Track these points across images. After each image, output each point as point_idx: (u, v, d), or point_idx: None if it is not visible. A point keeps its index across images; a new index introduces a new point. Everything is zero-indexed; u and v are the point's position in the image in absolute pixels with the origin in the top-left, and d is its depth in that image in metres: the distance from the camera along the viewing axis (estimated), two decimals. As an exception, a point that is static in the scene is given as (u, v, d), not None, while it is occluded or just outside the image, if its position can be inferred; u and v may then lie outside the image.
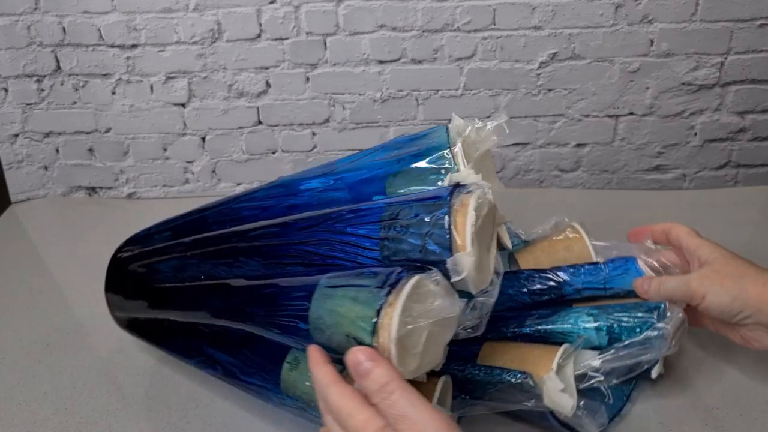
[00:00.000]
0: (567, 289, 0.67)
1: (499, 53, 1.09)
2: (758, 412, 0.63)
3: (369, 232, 0.52)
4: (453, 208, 0.48)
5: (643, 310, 0.61)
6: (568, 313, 0.64)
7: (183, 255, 0.65)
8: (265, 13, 1.07)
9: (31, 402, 0.70)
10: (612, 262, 0.68)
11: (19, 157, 1.19)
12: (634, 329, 0.60)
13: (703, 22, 1.05)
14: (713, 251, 0.61)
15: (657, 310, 0.61)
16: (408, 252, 0.50)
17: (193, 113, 1.15)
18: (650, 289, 0.63)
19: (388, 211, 0.52)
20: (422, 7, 1.06)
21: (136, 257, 0.70)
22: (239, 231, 0.62)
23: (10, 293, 0.90)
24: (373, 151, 0.66)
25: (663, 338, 0.58)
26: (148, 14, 1.07)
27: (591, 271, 0.67)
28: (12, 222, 1.13)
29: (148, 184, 1.21)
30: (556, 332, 0.63)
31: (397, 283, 0.46)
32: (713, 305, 0.59)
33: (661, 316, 0.60)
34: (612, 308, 0.63)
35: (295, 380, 0.56)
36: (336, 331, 0.47)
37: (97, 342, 0.79)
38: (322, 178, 0.65)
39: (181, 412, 0.67)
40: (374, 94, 1.13)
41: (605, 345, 0.60)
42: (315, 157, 1.18)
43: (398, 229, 0.50)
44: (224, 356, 0.63)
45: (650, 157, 1.17)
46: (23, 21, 1.08)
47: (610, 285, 0.66)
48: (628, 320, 0.61)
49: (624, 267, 0.66)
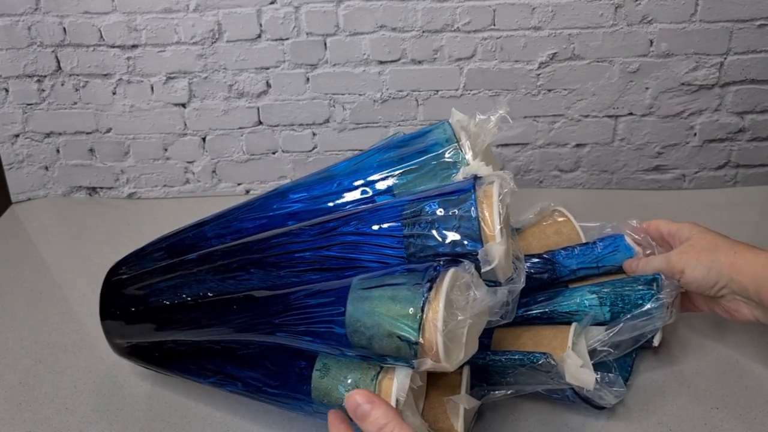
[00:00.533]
0: (562, 271, 0.69)
1: (499, 53, 1.09)
2: (757, 412, 0.64)
3: (392, 231, 0.52)
4: (478, 199, 0.49)
5: (642, 282, 0.64)
6: (571, 293, 0.66)
7: (188, 272, 0.63)
8: (265, 14, 1.07)
9: (31, 402, 0.70)
10: (602, 240, 0.71)
11: (19, 157, 1.19)
12: (636, 302, 0.63)
13: (702, 22, 1.06)
14: (691, 229, 0.65)
15: (655, 281, 0.64)
16: (436, 247, 0.50)
17: (194, 113, 1.15)
18: (638, 269, 0.67)
19: (410, 208, 0.52)
20: (422, 7, 1.06)
21: (133, 279, 0.67)
22: (248, 242, 0.61)
23: (11, 293, 0.90)
24: (376, 152, 0.66)
25: (664, 308, 0.61)
26: (149, 14, 1.07)
27: (584, 252, 0.70)
28: (12, 222, 1.13)
29: (148, 184, 1.21)
30: (563, 312, 0.65)
31: (436, 278, 0.47)
32: (691, 278, 0.61)
33: (660, 287, 0.63)
34: (611, 284, 0.65)
35: (327, 387, 0.54)
36: (378, 332, 0.47)
37: (98, 342, 0.79)
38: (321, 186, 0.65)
39: (181, 412, 0.68)
40: (374, 95, 1.13)
41: (609, 320, 0.63)
42: (315, 158, 1.19)
43: (423, 225, 0.51)
44: (244, 372, 0.61)
45: (650, 158, 1.17)
46: (24, 21, 1.08)
47: (602, 263, 0.69)
48: (629, 293, 0.63)
49: (614, 245, 0.70)
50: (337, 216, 0.57)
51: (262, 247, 0.59)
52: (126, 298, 0.66)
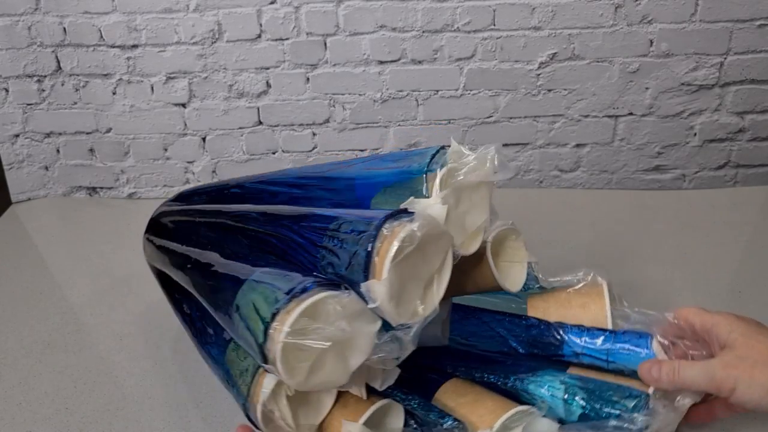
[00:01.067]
0: (565, 350, 0.61)
1: (499, 53, 1.09)
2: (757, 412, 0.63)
3: (315, 238, 0.52)
4: (383, 234, 0.47)
5: (622, 395, 0.55)
6: (544, 374, 0.59)
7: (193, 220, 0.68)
8: (265, 14, 1.07)
9: (31, 401, 0.70)
10: (623, 333, 0.60)
11: (19, 158, 1.19)
12: (605, 413, 0.54)
13: (702, 22, 1.06)
14: (732, 329, 0.52)
15: (637, 398, 0.54)
16: (338, 266, 0.50)
17: (194, 113, 1.15)
18: (662, 377, 0.52)
19: (337, 221, 0.52)
20: (422, 7, 1.06)
21: (170, 213, 0.74)
22: (229, 210, 0.65)
23: (11, 293, 0.90)
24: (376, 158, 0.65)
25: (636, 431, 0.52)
26: (149, 15, 1.07)
27: (596, 338, 0.60)
28: (13, 222, 1.13)
29: (148, 184, 1.21)
30: (523, 390, 0.58)
31: (302, 294, 0.47)
32: (746, 399, 0.49)
33: (639, 407, 0.53)
34: (594, 383, 0.57)
35: (233, 360, 0.58)
36: (246, 324, 0.49)
37: (98, 342, 0.79)
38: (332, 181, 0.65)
39: (181, 412, 0.68)
40: (374, 95, 1.13)
41: (575, 420, 0.55)
42: (315, 158, 1.19)
43: (335, 242, 0.50)
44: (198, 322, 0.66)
45: (650, 158, 1.17)
46: (24, 21, 1.08)
47: (613, 359, 0.59)
48: (600, 401, 0.55)
49: (634, 342, 0.58)
50: (293, 209, 0.59)
51: (237, 217, 0.63)
52: (159, 227, 0.73)
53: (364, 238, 0.48)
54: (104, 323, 0.82)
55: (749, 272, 0.84)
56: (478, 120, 1.14)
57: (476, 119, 1.14)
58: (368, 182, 0.62)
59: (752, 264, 0.86)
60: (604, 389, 0.56)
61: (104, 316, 0.83)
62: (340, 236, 0.50)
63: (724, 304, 0.78)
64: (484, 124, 1.15)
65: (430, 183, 0.56)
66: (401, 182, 0.59)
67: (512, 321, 0.65)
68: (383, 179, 0.61)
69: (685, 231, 0.96)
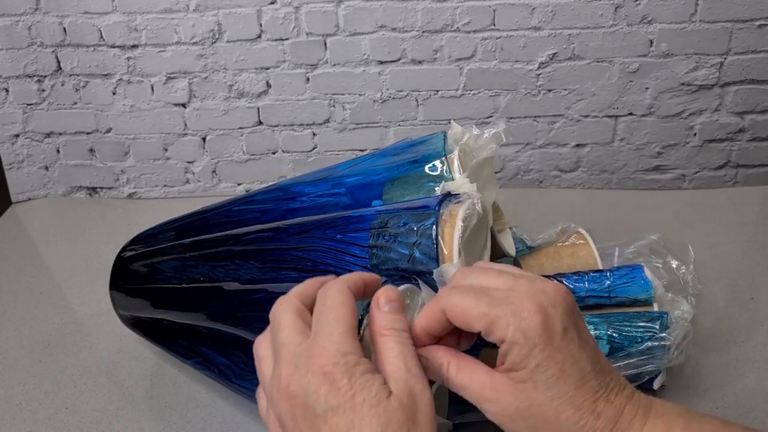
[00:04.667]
0: None
1: (499, 54, 1.09)
2: (758, 412, 0.64)
3: (359, 240, 0.52)
4: (441, 218, 0.48)
5: (645, 319, 0.60)
6: None
7: (182, 256, 0.65)
8: (265, 14, 1.07)
9: (31, 402, 0.70)
10: (618, 269, 0.66)
11: (19, 158, 1.19)
12: (636, 338, 0.59)
13: (702, 22, 1.06)
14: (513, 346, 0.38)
15: (660, 319, 0.59)
16: (396, 261, 0.49)
17: (194, 113, 1.15)
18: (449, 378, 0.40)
19: (379, 219, 0.52)
20: (422, 7, 1.06)
21: (139, 256, 0.71)
22: (235, 234, 0.62)
23: (11, 293, 0.90)
24: (373, 156, 0.66)
25: (665, 348, 0.57)
26: (149, 15, 1.07)
27: (595, 279, 0.65)
28: (13, 222, 1.13)
29: (148, 184, 1.21)
30: None
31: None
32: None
33: (664, 325, 0.59)
34: (614, 317, 0.61)
35: None
36: None
37: (98, 342, 0.79)
38: (322, 183, 0.65)
39: (181, 412, 0.68)
40: (374, 95, 1.13)
41: (606, 354, 0.59)
42: (315, 158, 1.19)
43: (387, 238, 0.50)
44: (220, 358, 0.64)
45: (650, 158, 1.17)
46: (24, 21, 1.08)
47: (615, 293, 0.64)
48: (629, 330, 0.59)
49: (630, 275, 0.64)
50: (316, 218, 0.57)
51: (246, 240, 0.60)
52: (130, 273, 0.70)
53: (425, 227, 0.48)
54: (104, 323, 0.82)
55: (749, 272, 0.84)
56: (478, 120, 1.14)
57: (476, 119, 1.14)
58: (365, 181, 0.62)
59: (752, 264, 0.86)
60: (627, 318, 0.60)
61: (104, 316, 0.83)
62: (391, 231, 0.50)
63: (724, 303, 0.78)
64: (484, 125, 1.15)
65: (451, 165, 0.58)
66: (413, 171, 0.59)
67: None
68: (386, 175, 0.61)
69: (685, 231, 0.96)
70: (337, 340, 0.35)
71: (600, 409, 0.35)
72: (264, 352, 0.39)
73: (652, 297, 0.63)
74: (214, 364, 0.64)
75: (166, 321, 0.67)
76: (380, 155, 0.65)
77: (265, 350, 0.39)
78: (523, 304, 0.35)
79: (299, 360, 0.35)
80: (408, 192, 0.59)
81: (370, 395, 0.33)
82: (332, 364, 0.34)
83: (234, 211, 0.69)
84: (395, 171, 0.61)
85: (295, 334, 0.37)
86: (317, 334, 0.36)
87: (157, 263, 0.68)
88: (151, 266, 0.68)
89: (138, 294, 0.69)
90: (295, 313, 0.38)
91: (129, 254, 0.72)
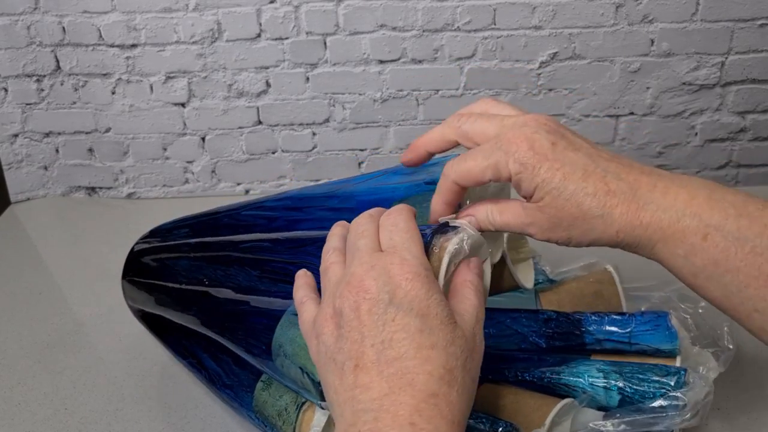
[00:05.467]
0: (587, 338, 0.61)
1: (500, 53, 1.09)
2: (759, 411, 0.63)
3: None
4: (432, 249, 0.45)
5: (661, 373, 0.55)
6: (578, 364, 0.58)
7: (187, 256, 0.65)
8: (265, 13, 1.07)
9: (30, 402, 0.70)
10: (642, 315, 0.61)
11: (18, 157, 1.19)
12: (648, 394, 0.55)
13: (703, 21, 1.05)
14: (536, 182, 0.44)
15: (677, 375, 0.55)
16: None
17: (193, 113, 1.15)
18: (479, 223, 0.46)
19: None
20: (422, 6, 1.06)
21: (151, 250, 0.71)
22: (235, 240, 0.62)
23: (10, 293, 0.89)
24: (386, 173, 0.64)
25: (679, 408, 0.52)
26: (148, 14, 1.07)
27: (616, 322, 0.61)
28: (12, 222, 1.12)
29: (147, 184, 1.21)
30: (561, 384, 0.58)
31: None
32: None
33: (681, 383, 0.54)
34: (628, 367, 0.57)
35: (264, 401, 0.55)
36: (293, 361, 0.47)
37: (97, 342, 0.79)
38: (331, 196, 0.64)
39: (181, 412, 0.67)
40: (374, 94, 1.13)
41: (615, 406, 0.56)
42: (315, 157, 1.18)
43: None
44: (210, 362, 0.63)
45: (651, 157, 1.16)
46: (23, 21, 1.08)
47: (636, 340, 0.60)
48: (641, 383, 0.55)
49: (654, 322, 0.60)
50: (312, 234, 0.57)
51: (245, 247, 0.60)
52: (141, 265, 0.70)
53: None
54: (104, 323, 0.81)
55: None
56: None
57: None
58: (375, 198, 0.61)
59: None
60: (642, 370, 0.57)
61: (104, 316, 0.83)
62: None
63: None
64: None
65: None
66: (421, 194, 0.57)
67: (528, 317, 0.64)
68: (391, 194, 0.59)
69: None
70: (416, 254, 0.38)
71: (614, 188, 0.39)
72: (336, 258, 0.41)
73: (676, 348, 0.59)
74: (205, 368, 0.64)
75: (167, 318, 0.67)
76: (392, 173, 0.64)
77: (337, 257, 0.41)
78: (511, 141, 0.40)
79: (378, 262, 0.37)
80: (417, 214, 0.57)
81: (443, 313, 0.36)
82: (414, 273, 0.36)
83: (243, 215, 0.68)
84: (406, 191, 0.59)
85: (375, 243, 0.39)
86: (395, 248, 0.38)
87: (165, 259, 0.67)
88: (159, 261, 0.68)
89: (143, 288, 0.69)
90: (377, 227, 0.40)
91: (142, 246, 0.71)
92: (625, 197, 0.39)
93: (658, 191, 0.39)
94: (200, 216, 0.72)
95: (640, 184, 0.40)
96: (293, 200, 0.66)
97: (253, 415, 0.57)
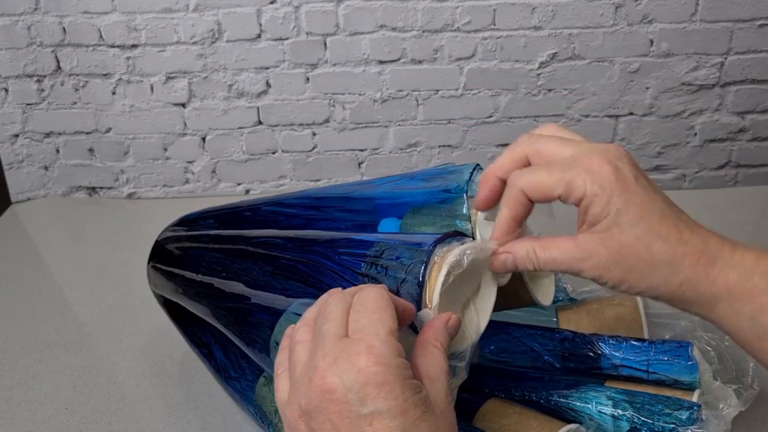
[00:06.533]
0: (603, 362, 0.59)
1: (499, 53, 1.09)
2: (759, 412, 0.63)
3: (353, 265, 0.50)
4: (433, 259, 0.45)
5: (674, 407, 0.53)
6: (588, 389, 0.56)
7: (206, 246, 0.65)
8: (265, 14, 1.07)
9: (31, 402, 0.70)
10: (663, 343, 0.58)
11: (19, 157, 1.19)
12: (657, 428, 0.53)
13: (703, 22, 1.05)
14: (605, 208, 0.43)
15: (690, 410, 0.53)
16: None
17: (194, 113, 1.15)
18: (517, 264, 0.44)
19: (376, 247, 0.50)
20: (422, 7, 1.06)
21: (175, 239, 0.70)
22: (251, 235, 0.62)
23: (10, 293, 0.90)
24: (403, 178, 0.64)
25: None
26: (148, 14, 1.07)
27: (635, 348, 0.58)
28: (12, 222, 1.13)
29: (148, 184, 1.21)
30: (568, 408, 0.56)
31: None
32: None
33: (693, 419, 0.52)
34: (640, 397, 0.55)
35: (265, 396, 0.56)
36: None
37: (97, 342, 0.79)
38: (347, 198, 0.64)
39: (181, 412, 0.67)
40: (374, 94, 1.13)
41: None
42: (315, 157, 1.18)
43: (379, 269, 0.48)
44: (220, 354, 0.64)
45: (650, 157, 1.17)
46: (23, 21, 1.08)
47: (654, 369, 0.57)
48: (651, 415, 0.53)
49: (674, 352, 0.57)
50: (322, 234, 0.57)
51: (260, 243, 0.60)
52: (165, 252, 0.69)
53: (413, 265, 0.45)
54: (104, 323, 0.81)
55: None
56: (478, 120, 1.14)
57: (476, 119, 1.14)
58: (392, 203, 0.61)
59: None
60: (654, 402, 0.55)
61: (104, 316, 0.83)
62: (383, 263, 0.48)
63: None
64: (485, 124, 1.15)
65: (470, 202, 0.54)
66: (436, 202, 0.57)
67: (544, 335, 0.62)
68: (409, 199, 0.59)
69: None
70: (384, 339, 0.35)
71: (686, 237, 0.37)
72: (303, 336, 0.38)
73: (696, 381, 0.56)
74: (214, 359, 0.65)
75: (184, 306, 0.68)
76: (410, 178, 0.63)
77: (305, 335, 0.38)
78: (593, 160, 0.37)
79: (341, 354, 0.34)
80: (423, 223, 0.57)
81: (421, 401, 0.33)
82: (383, 365, 0.33)
83: (263, 210, 0.68)
84: (420, 197, 0.59)
85: (341, 327, 0.36)
86: (362, 332, 0.35)
87: (186, 248, 0.68)
88: (182, 250, 0.68)
89: (165, 275, 0.69)
90: (346, 309, 0.38)
91: (168, 234, 0.71)
92: (696, 248, 0.37)
93: (726, 249, 0.37)
94: (225, 208, 0.72)
95: (710, 239, 0.37)
96: (312, 199, 0.66)
97: (253, 409, 0.58)
